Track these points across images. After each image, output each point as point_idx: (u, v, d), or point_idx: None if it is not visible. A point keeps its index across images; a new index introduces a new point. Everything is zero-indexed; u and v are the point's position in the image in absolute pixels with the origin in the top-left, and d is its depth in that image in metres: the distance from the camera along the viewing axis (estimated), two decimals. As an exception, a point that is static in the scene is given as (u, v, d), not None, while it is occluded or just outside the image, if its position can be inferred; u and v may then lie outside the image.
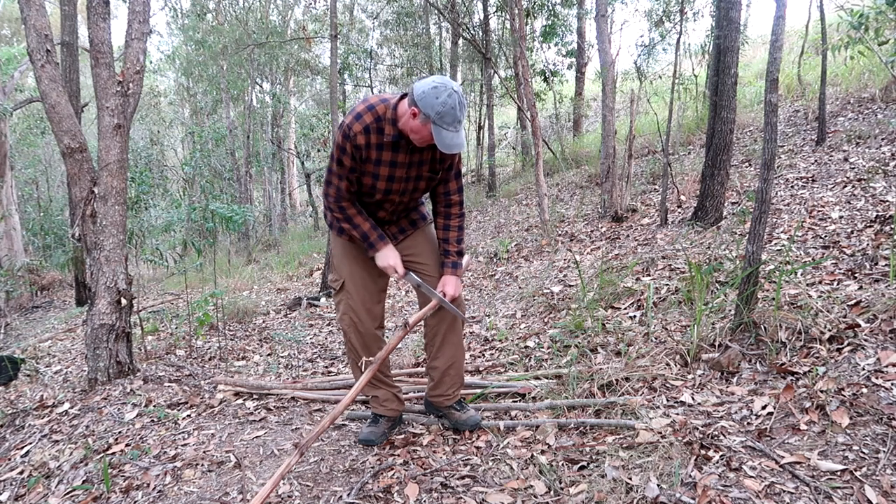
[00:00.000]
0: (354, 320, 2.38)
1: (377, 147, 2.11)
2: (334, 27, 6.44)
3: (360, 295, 2.37)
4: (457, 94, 1.95)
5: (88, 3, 3.18)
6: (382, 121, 2.07)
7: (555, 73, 12.88)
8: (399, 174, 2.18)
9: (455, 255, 2.34)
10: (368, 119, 2.07)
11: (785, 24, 2.68)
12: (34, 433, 2.71)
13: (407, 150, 2.14)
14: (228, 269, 8.81)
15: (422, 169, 2.21)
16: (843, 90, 7.61)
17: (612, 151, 6.85)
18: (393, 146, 2.12)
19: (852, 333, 2.46)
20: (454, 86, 1.97)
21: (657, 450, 2.06)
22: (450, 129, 1.97)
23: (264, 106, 16.59)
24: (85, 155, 3.38)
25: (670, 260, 4.43)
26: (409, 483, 2.07)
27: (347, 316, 2.38)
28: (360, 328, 2.38)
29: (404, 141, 2.11)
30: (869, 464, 1.80)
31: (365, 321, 2.38)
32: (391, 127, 2.08)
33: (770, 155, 2.64)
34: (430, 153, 2.19)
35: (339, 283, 2.40)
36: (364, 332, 2.39)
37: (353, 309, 2.37)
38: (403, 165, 2.16)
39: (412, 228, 2.42)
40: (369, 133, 2.07)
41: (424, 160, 2.19)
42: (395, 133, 2.08)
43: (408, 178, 2.21)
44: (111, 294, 3.18)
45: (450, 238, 2.34)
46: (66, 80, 6.86)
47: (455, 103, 1.93)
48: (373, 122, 2.07)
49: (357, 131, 2.06)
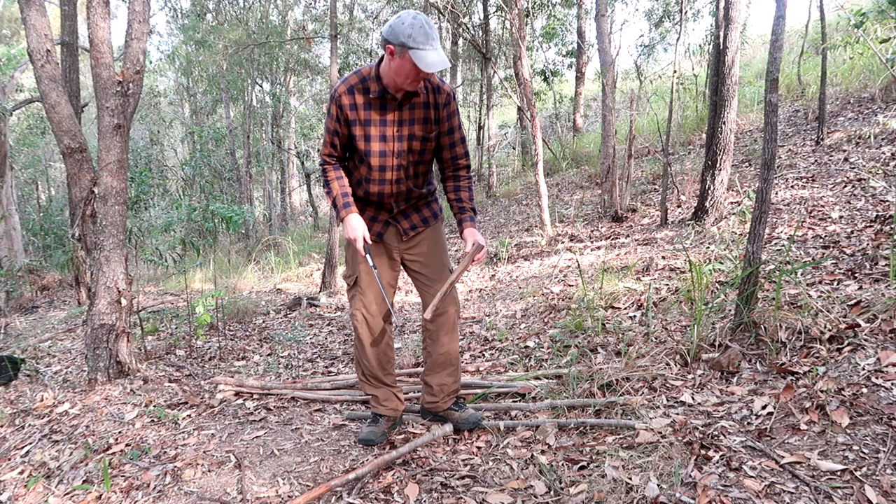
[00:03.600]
0: (366, 316, 2.38)
1: (364, 107, 2.17)
2: (334, 27, 6.44)
3: (375, 291, 2.37)
4: (420, 16, 2.02)
5: (88, 3, 3.18)
6: (367, 80, 2.16)
7: (555, 72, 12.88)
8: (390, 133, 2.21)
9: (470, 210, 2.37)
10: (353, 80, 2.17)
11: (785, 24, 2.69)
12: (34, 433, 2.71)
13: (395, 107, 2.18)
14: (228, 269, 8.80)
15: (413, 128, 2.23)
16: (843, 90, 7.61)
17: (612, 151, 6.85)
18: (380, 104, 2.17)
19: (852, 333, 2.46)
20: (414, 12, 2.04)
21: (657, 450, 2.06)
22: (426, 47, 1.99)
23: (264, 106, 16.58)
24: (85, 155, 3.38)
25: (670, 260, 4.44)
26: (409, 483, 2.07)
27: (359, 312, 2.39)
28: (370, 323, 2.39)
29: (391, 97, 2.16)
30: (869, 464, 1.80)
31: (376, 316, 2.39)
32: (376, 84, 2.14)
33: (770, 155, 2.64)
34: (420, 111, 2.22)
35: (353, 278, 2.39)
36: (373, 327, 2.40)
37: (365, 306, 2.38)
38: (393, 123, 2.20)
39: (423, 226, 2.41)
40: (353, 93, 2.16)
41: (415, 118, 2.22)
42: (380, 88, 2.14)
43: (400, 138, 2.22)
44: (111, 294, 3.18)
45: (462, 197, 2.37)
46: (66, 80, 6.85)
47: (422, 22, 2.00)
48: (357, 82, 2.16)
49: (341, 92, 2.16)
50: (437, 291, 2.38)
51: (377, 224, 2.37)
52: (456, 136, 2.33)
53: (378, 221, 2.37)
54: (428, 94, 2.22)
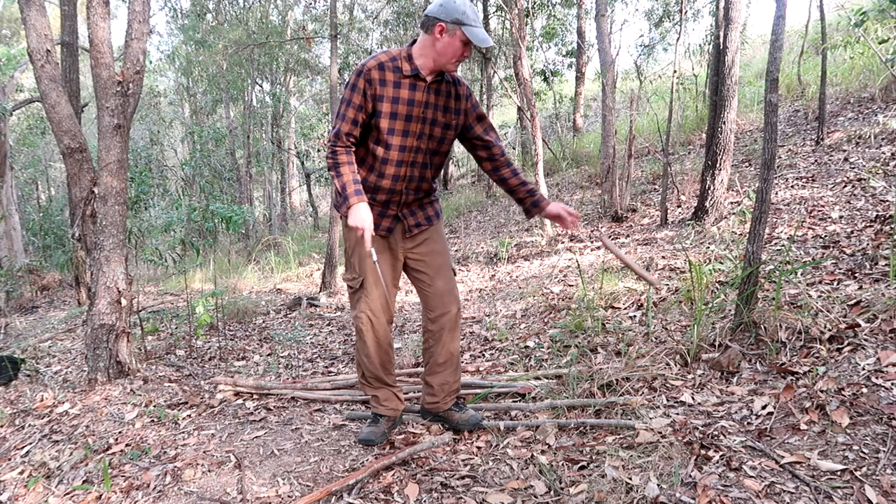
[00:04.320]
0: (371, 318, 2.37)
1: (394, 84, 2.17)
2: (334, 27, 6.44)
3: (381, 291, 2.36)
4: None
5: (88, 3, 3.18)
6: (398, 59, 2.18)
7: (555, 73, 12.88)
8: (416, 113, 2.22)
9: (538, 192, 2.43)
10: (383, 58, 2.18)
11: (785, 23, 2.69)
12: (34, 433, 2.71)
13: (424, 89, 2.21)
14: (228, 269, 8.80)
15: (437, 113, 2.26)
16: (843, 90, 7.61)
17: (612, 151, 6.85)
18: (410, 84, 2.19)
19: (852, 333, 2.46)
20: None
21: (657, 450, 2.06)
22: (477, 25, 2.11)
23: (264, 106, 16.58)
24: (85, 155, 3.38)
25: (670, 260, 4.44)
26: (409, 483, 2.07)
27: (365, 314, 2.37)
28: (375, 325, 2.38)
29: (422, 81, 2.20)
30: (869, 464, 1.80)
31: (380, 317, 2.38)
32: (408, 64, 2.18)
33: (770, 155, 2.64)
34: (443, 98, 2.26)
35: (359, 281, 2.37)
36: (378, 328, 2.39)
37: (370, 307, 2.36)
38: (421, 104, 2.22)
39: (427, 224, 2.42)
40: (384, 69, 2.16)
41: (440, 105, 2.26)
42: (413, 68, 2.18)
43: (424, 120, 2.24)
44: (111, 294, 3.18)
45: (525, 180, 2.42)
46: (66, 80, 6.85)
47: (471, 1, 2.05)
48: (388, 60, 2.18)
49: (371, 67, 2.15)
50: (438, 291, 2.37)
51: (386, 219, 2.36)
52: (486, 122, 2.40)
53: (387, 217, 2.36)
54: (451, 86, 2.29)
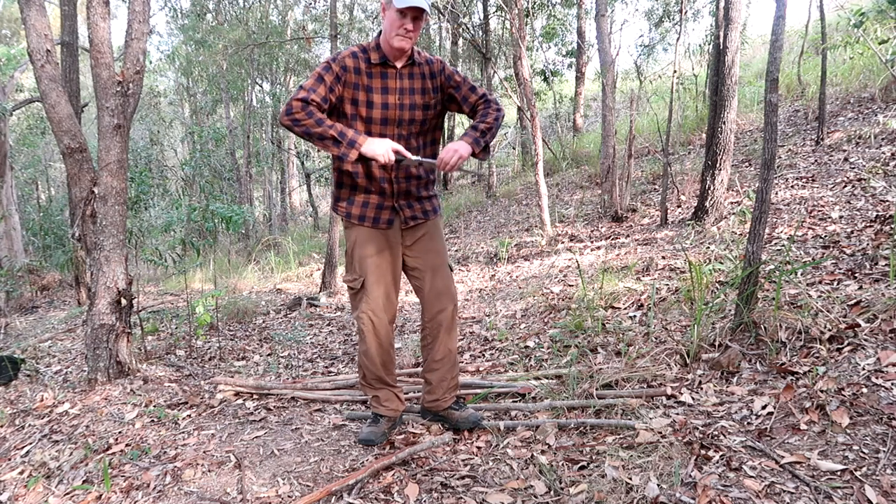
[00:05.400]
0: (373, 318, 2.37)
1: (367, 74, 2.26)
2: (334, 27, 6.44)
3: (382, 290, 2.36)
4: None
5: (88, 3, 3.18)
6: (367, 51, 2.28)
7: (555, 72, 12.87)
8: (392, 100, 2.28)
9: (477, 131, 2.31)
10: (355, 49, 2.29)
11: (785, 24, 2.69)
12: (34, 433, 2.71)
13: (395, 75, 2.28)
14: (228, 269, 8.80)
15: (414, 97, 2.31)
16: (843, 90, 7.61)
17: (612, 151, 6.85)
18: (381, 73, 2.27)
19: (852, 333, 2.46)
20: None
21: (657, 450, 2.06)
22: None
23: (264, 106, 16.57)
24: (85, 155, 3.37)
25: (670, 260, 4.44)
26: (410, 483, 2.07)
27: (366, 315, 2.37)
28: (377, 325, 2.38)
29: (391, 66, 2.27)
30: (869, 464, 1.80)
31: (382, 317, 2.38)
32: (376, 52, 2.27)
33: (770, 155, 2.64)
34: (419, 81, 2.32)
35: (360, 282, 2.37)
36: (379, 328, 2.39)
37: (372, 309, 2.36)
38: (395, 91, 2.29)
39: (424, 218, 2.42)
40: (357, 58, 2.26)
41: (415, 88, 2.32)
42: (381, 56, 2.26)
43: (402, 106, 2.29)
44: (111, 294, 3.18)
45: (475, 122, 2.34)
46: (66, 80, 6.85)
47: None
48: (359, 51, 2.29)
49: (345, 55, 2.26)
50: (435, 289, 2.38)
51: (385, 211, 2.36)
52: (464, 87, 2.39)
53: (385, 208, 2.36)
54: (423, 66, 2.33)
